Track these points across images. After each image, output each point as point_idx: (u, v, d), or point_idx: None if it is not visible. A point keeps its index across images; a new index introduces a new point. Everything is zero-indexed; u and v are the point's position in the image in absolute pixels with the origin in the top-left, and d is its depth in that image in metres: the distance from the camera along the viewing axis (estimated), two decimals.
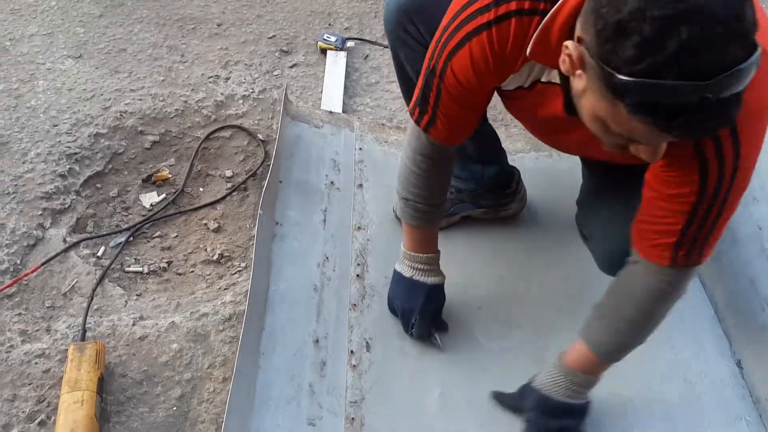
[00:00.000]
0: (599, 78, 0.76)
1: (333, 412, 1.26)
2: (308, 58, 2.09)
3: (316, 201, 1.59)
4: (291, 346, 1.33)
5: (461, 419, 1.28)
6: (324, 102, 1.89)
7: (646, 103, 0.73)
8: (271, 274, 1.42)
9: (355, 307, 1.41)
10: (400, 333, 1.39)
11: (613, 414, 1.29)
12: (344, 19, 2.26)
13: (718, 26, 0.68)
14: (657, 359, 1.37)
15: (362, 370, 1.32)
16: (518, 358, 1.36)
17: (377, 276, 1.48)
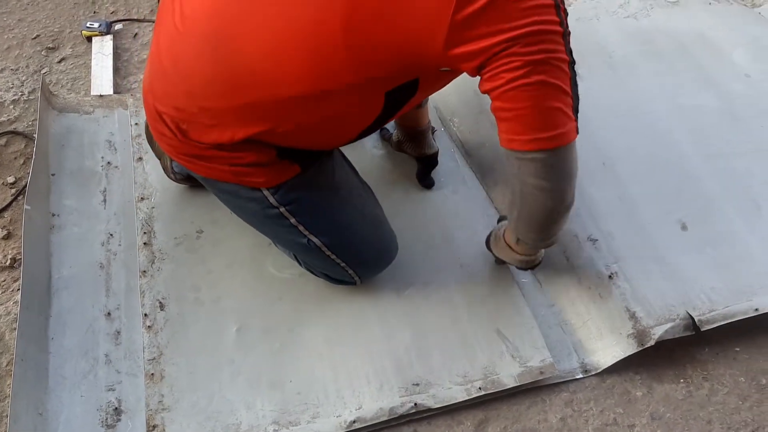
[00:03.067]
0: None
1: (132, 374, 1.30)
2: (76, 49, 2.07)
3: (94, 184, 1.60)
4: (82, 325, 1.35)
5: (258, 347, 1.34)
6: (94, 88, 1.88)
7: None
8: (52, 264, 1.43)
9: (146, 273, 1.44)
10: (194, 286, 1.44)
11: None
12: (109, 3, 2.24)
13: None
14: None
15: (158, 328, 1.36)
16: (311, 281, 1.44)
17: (166, 239, 1.51)
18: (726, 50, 2.05)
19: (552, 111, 1.00)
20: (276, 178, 1.21)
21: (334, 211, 1.29)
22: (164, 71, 1.16)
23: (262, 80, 1.05)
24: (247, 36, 1.04)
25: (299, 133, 1.13)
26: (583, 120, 1.75)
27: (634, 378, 1.38)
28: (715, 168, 1.67)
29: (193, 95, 1.12)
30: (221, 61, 1.07)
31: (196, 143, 1.16)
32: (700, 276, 1.44)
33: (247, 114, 1.10)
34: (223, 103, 1.10)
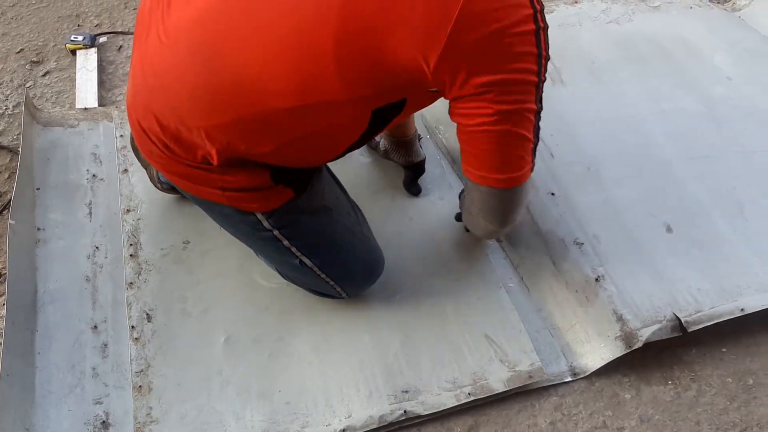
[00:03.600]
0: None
1: (120, 387, 1.29)
2: (60, 63, 2.06)
3: (79, 197, 1.60)
4: (68, 338, 1.34)
5: (247, 356, 1.34)
6: (78, 101, 1.88)
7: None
8: (38, 278, 1.42)
9: (132, 285, 1.44)
10: (181, 297, 1.43)
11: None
12: (93, 17, 2.24)
13: None
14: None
15: (145, 340, 1.35)
16: (300, 289, 1.43)
17: (152, 251, 1.51)
18: (707, 54, 2.07)
19: (510, 157, 1.06)
20: (270, 204, 1.20)
21: (326, 233, 1.29)
22: (147, 85, 1.13)
23: (249, 92, 1.03)
24: (234, 48, 1.02)
25: (284, 149, 1.11)
26: (567, 125, 1.77)
27: (623, 380, 1.38)
28: (698, 170, 1.69)
29: (178, 109, 1.09)
30: (207, 73, 1.04)
31: (184, 160, 1.14)
32: (686, 277, 1.45)
33: (233, 127, 1.07)
34: (207, 116, 1.07)
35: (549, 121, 1.72)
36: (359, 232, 1.35)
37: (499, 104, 0.98)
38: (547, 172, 1.64)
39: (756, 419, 1.35)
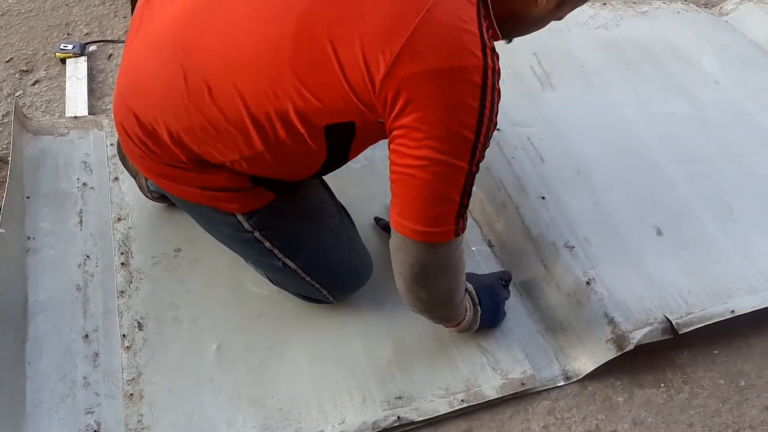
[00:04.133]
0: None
1: (111, 396, 1.28)
2: (50, 71, 2.06)
3: (70, 206, 1.59)
4: (59, 348, 1.33)
5: (238, 364, 1.34)
6: (68, 109, 1.88)
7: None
8: (28, 287, 1.41)
9: (123, 294, 1.43)
10: (172, 305, 1.43)
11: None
12: (83, 25, 2.24)
13: None
14: None
15: (136, 348, 1.35)
16: (289, 298, 1.43)
17: (143, 259, 1.51)
18: (695, 58, 2.08)
19: (430, 211, 1.00)
20: (249, 205, 1.20)
21: (310, 235, 1.29)
22: (128, 85, 1.16)
23: (216, 98, 1.04)
24: (202, 53, 1.04)
25: (254, 159, 1.11)
26: (557, 129, 1.78)
27: (615, 384, 1.39)
28: (687, 173, 1.70)
29: (154, 108, 1.12)
30: (179, 76, 1.06)
31: (162, 158, 1.16)
32: (676, 280, 1.46)
33: (202, 134, 1.09)
34: (179, 120, 1.09)
35: (539, 125, 1.74)
36: (345, 236, 1.35)
37: (428, 149, 0.93)
38: (538, 176, 1.64)
39: (748, 420, 1.35)
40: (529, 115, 1.80)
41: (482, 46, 0.92)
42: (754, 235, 1.57)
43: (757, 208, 1.64)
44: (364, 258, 1.40)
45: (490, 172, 1.66)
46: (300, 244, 1.29)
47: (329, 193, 1.37)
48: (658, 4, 2.35)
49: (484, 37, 0.92)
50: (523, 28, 1.09)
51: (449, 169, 0.96)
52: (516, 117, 1.79)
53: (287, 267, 1.28)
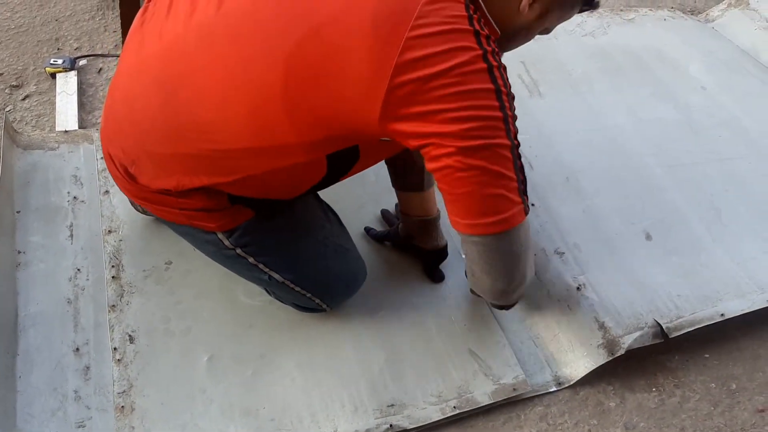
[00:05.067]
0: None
1: (102, 410, 1.28)
2: (40, 86, 2.06)
3: (60, 220, 1.59)
4: (50, 362, 1.33)
5: (230, 374, 1.33)
6: (59, 124, 1.88)
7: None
8: (18, 302, 1.41)
9: (114, 308, 1.43)
10: (163, 317, 1.43)
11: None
12: (73, 40, 2.25)
13: None
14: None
15: (127, 361, 1.35)
16: (283, 306, 1.43)
17: (134, 272, 1.50)
18: (682, 64, 2.10)
19: (492, 198, 0.98)
20: (228, 224, 1.20)
21: (294, 248, 1.29)
22: (116, 112, 1.17)
23: (206, 131, 1.05)
24: (194, 86, 1.04)
25: (245, 183, 1.12)
26: (546, 137, 1.79)
27: (607, 389, 1.39)
28: (676, 178, 1.71)
29: (141, 139, 1.13)
30: (168, 108, 1.07)
31: (144, 187, 1.17)
32: (666, 284, 1.47)
33: (192, 163, 1.10)
34: (167, 150, 1.10)
35: (528, 133, 1.75)
36: (334, 244, 1.35)
37: (464, 140, 0.93)
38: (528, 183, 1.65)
39: (740, 423, 1.35)
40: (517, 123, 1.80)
41: (476, 36, 0.93)
42: (743, 239, 1.58)
43: (745, 212, 1.65)
44: (355, 264, 1.40)
45: None
46: (284, 258, 1.29)
47: (316, 200, 1.37)
48: (645, 12, 2.37)
49: (476, 28, 0.93)
50: (509, 39, 1.08)
51: (492, 152, 0.95)
52: None
53: (274, 280, 1.29)
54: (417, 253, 1.52)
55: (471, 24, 0.93)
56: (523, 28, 1.06)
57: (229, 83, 1.02)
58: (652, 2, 2.61)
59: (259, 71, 0.99)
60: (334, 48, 0.94)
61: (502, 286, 1.11)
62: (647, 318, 1.40)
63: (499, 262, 1.07)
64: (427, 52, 0.90)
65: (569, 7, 1.05)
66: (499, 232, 1.02)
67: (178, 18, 1.08)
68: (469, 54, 0.92)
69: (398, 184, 1.47)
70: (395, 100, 0.92)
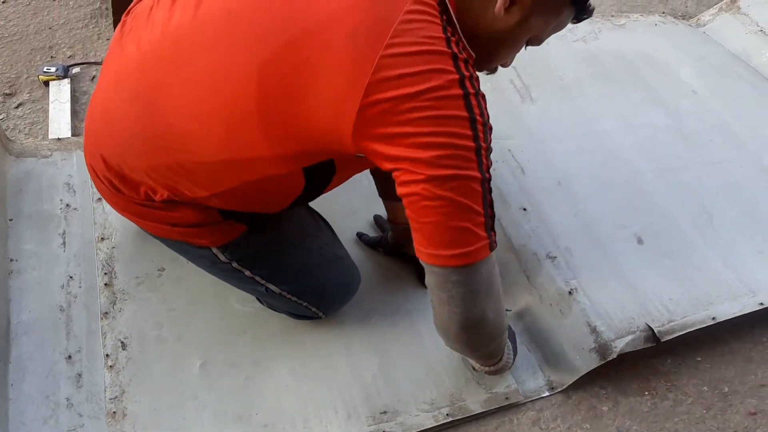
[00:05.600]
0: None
1: (95, 417, 1.28)
2: (33, 94, 2.07)
3: (53, 227, 1.59)
4: (42, 369, 1.33)
5: (223, 381, 1.33)
6: (51, 131, 1.88)
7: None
8: (11, 309, 1.41)
9: (107, 315, 1.43)
10: (156, 324, 1.43)
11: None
12: (66, 48, 2.25)
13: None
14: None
15: (119, 368, 1.35)
16: (273, 315, 1.43)
17: (127, 279, 1.50)
18: (673, 69, 2.11)
19: (456, 230, 0.95)
20: (221, 239, 1.20)
21: (290, 260, 1.28)
22: (95, 122, 1.16)
23: (182, 141, 1.04)
24: (167, 99, 1.03)
25: (225, 197, 1.11)
26: (537, 141, 1.80)
27: (600, 393, 1.39)
28: (667, 182, 1.72)
29: (120, 148, 1.12)
30: (145, 119, 1.06)
31: (129, 197, 1.16)
32: (657, 288, 1.47)
33: (170, 174, 1.09)
34: (146, 162, 1.10)
35: (519, 138, 1.76)
36: (329, 253, 1.35)
37: (433, 168, 0.90)
38: (519, 187, 1.66)
39: (732, 426, 1.36)
40: (509, 128, 1.81)
41: (453, 59, 0.91)
42: (734, 242, 1.59)
43: (736, 215, 1.66)
44: (351, 272, 1.40)
45: None
46: (281, 270, 1.29)
47: (308, 210, 1.37)
48: (636, 17, 2.39)
49: (454, 51, 0.91)
50: (491, 51, 1.05)
51: (463, 182, 0.92)
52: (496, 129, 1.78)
53: (271, 291, 1.29)
54: (408, 261, 1.51)
55: (449, 46, 0.91)
56: (504, 35, 1.02)
57: (204, 93, 1.01)
58: (643, 7, 2.62)
59: (233, 82, 0.98)
60: (307, 63, 0.92)
61: (458, 320, 1.05)
62: (639, 322, 1.40)
63: (456, 296, 1.02)
64: (401, 72, 0.88)
65: (553, 12, 1.01)
66: (459, 265, 0.98)
67: (155, 26, 1.07)
68: (445, 78, 0.89)
69: (384, 193, 1.47)
70: (367, 119, 0.90)
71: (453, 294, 1.02)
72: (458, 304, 1.03)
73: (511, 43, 1.05)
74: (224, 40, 0.99)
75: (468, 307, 1.03)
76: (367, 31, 0.90)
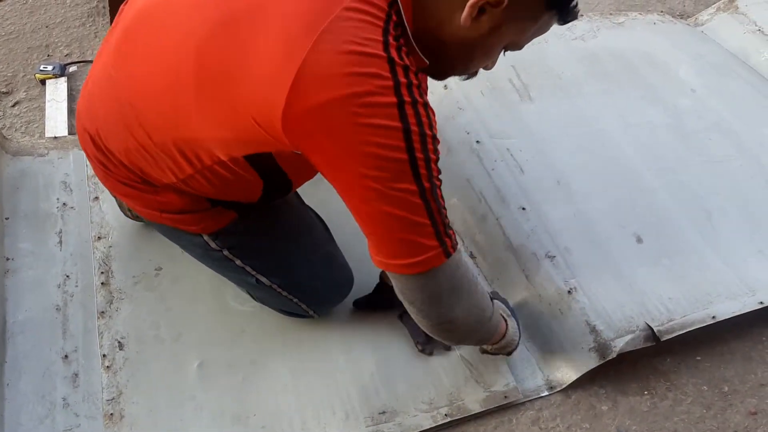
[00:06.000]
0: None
1: (91, 417, 1.27)
2: (30, 93, 2.06)
3: (50, 226, 1.58)
4: (38, 369, 1.32)
5: (220, 380, 1.33)
6: (48, 130, 1.87)
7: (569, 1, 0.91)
8: (7, 308, 1.40)
9: (104, 314, 1.42)
10: (153, 324, 1.42)
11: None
12: (63, 47, 2.24)
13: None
14: None
15: (116, 368, 1.34)
16: (272, 314, 1.43)
17: (124, 278, 1.50)
18: (672, 67, 2.11)
19: (401, 242, 0.92)
20: (212, 226, 1.19)
21: (281, 253, 1.28)
22: (83, 107, 1.19)
23: (141, 123, 1.04)
24: (131, 77, 1.04)
25: (191, 182, 1.10)
26: (536, 140, 1.79)
27: (599, 392, 1.39)
28: (666, 181, 1.71)
29: (101, 130, 1.13)
30: (114, 98, 1.08)
31: (117, 176, 1.17)
32: (657, 287, 1.47)
33: (138, 156, 1.09)
34: (119, 142, 1.10)
35: (518, 137, 1.75)
36: (322, 251, 1.34)
37: (365, 180, 0.86)
38: (518, 187, 1.65)
39: (732, 426, 1.35)
40: (508, 127, 1.81)
41: (389, 64, 0.84)
42: (733, 241, 1.58)
43: (736, 214, 1.65)
44: (343, 272, 1.39)
45: (470, 184, 1.67)
46: (272, 262, 1.28)
47: (302, 206, 1.36)
48: (635, 15, 2.38)
49: (392, 55, 0.84)
50: (462, 56, 0.98)
51: (398, 196, 0.87)
52: (495, 129, 1.80)
53: (261, 283, 1.28)
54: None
55: (386, 50, 0.84)
56: (475, 43, 0.94)
57: (154, 72, 1.00)
58: (641, 6, 2.62)
59: (176, 61, 0.96)
60: (240, 45, 0.88)
61: (425, 323, 1.05)
62: (638, 321, 1.40)
63: (417, 301, 1.01)
64: (329, 71, 0.82)
65: (529, 19, 0.93)
66: (412, 273, 0.96)
67: (135, 4, 1.08)
68: (377, 83, 0.82)
69: None
70: (294, 116, 0.84)
71: (413, 300, 1.01)
72: (420, 308, 1.02)
73: (483, 51, 0.97)
74: (174, 18, 0.98)
75: (431, 310, 1.02)
76: (300, 20, 0.84)
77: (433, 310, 1.02)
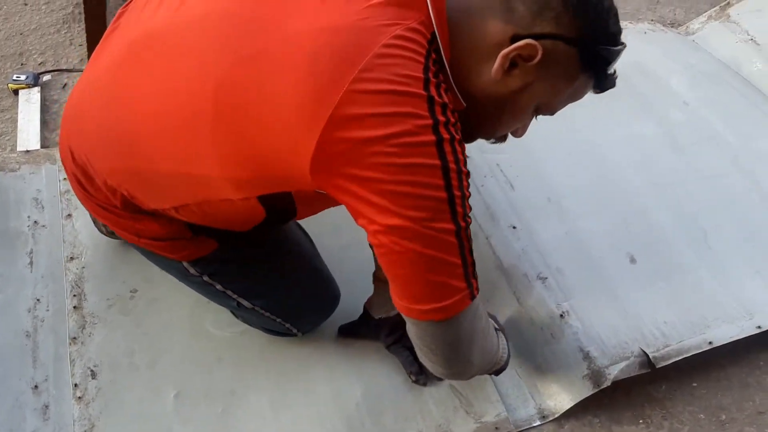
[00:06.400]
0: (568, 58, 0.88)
1: None
2: (2, 103, 1.98)
3: (20, 246, 1.51)
4: (6, 400, 1.26)
5: (199, 412, 1.28)
6: (20, 143, 1.80)
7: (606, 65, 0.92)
8: None
9: (76, 340, 1.36)
10: (128, 350, 1.36)
11: None
12: (37, 55, 2.16)
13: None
14: None
15: (89, 399, 1.28)
16: (254, 338, 1.37)
17: (97, 301, 1.43)
18: (663, 78, 2.07)
19: (431, 284, 0.89)
20: (191, 255, 1.14)
21: (263, 275, 1.23)
22: (67, 117, 1.13)
23: (143, 148, 0.98)
24: (134, 100, 0.98)
25: (182, 211, 1.05)
26: (526, 156, 1.74)
27: (593, 421, 1.34)
28: (660, 197, 1.67)
29: (87, 148, 1.08)
30: (112, 118, 1.01)
31: (95, 198, 1.12)
32: (652, 310, 1.42)
33: (129, 176, 1.04)
34: (106, 162, 1.05)
35: (508, 152, 1.70)
36: (307, 268, 1.29)
37: (399, 219, 0.83)
38: (508, 204, 1.60)
39: None
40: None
41: (428, 102, 0.81)
42: (730, 261, 1.54)
43: (732, 232, 1.61)
44: (329, 288, 1.34)
45: None
46: (253, 285, 1.23)
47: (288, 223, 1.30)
48: (625, 25, 2.32)
49: (432, 94, 0.81)
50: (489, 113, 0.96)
51: (435, 235, 0.85)
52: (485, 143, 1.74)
53: (243, 306, 1.23)
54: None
55: (426, 89, 0.81)
56: (504, 101, 0.92)
57: (166, 101, 0.94)
58: (632, 15, 2.58)
59: (191, 93, 0.91)
60: (263, 83, 0.84)
61: (442, 370, 1.03)
62: (633, 347, 1.35)
63: (437, 349, 0.98)
64: (366, 111, 0.79)
65: (565, 79, 0.92)
66: (436, 320, 0.92)
67: (140, 22, 1.01)
68: (415, 122, 0.80)
69: None
70: (326, 157, 0.82)
71: (432, 347, 0.98)
72: (439, 354, 0.99)
73: (512, 110, 0.95)
74: (192, 43, 0.93)
75: (449, 357, 0.99)
76: (332, 58, 0.81)
77: (452, 356, 0.99)
